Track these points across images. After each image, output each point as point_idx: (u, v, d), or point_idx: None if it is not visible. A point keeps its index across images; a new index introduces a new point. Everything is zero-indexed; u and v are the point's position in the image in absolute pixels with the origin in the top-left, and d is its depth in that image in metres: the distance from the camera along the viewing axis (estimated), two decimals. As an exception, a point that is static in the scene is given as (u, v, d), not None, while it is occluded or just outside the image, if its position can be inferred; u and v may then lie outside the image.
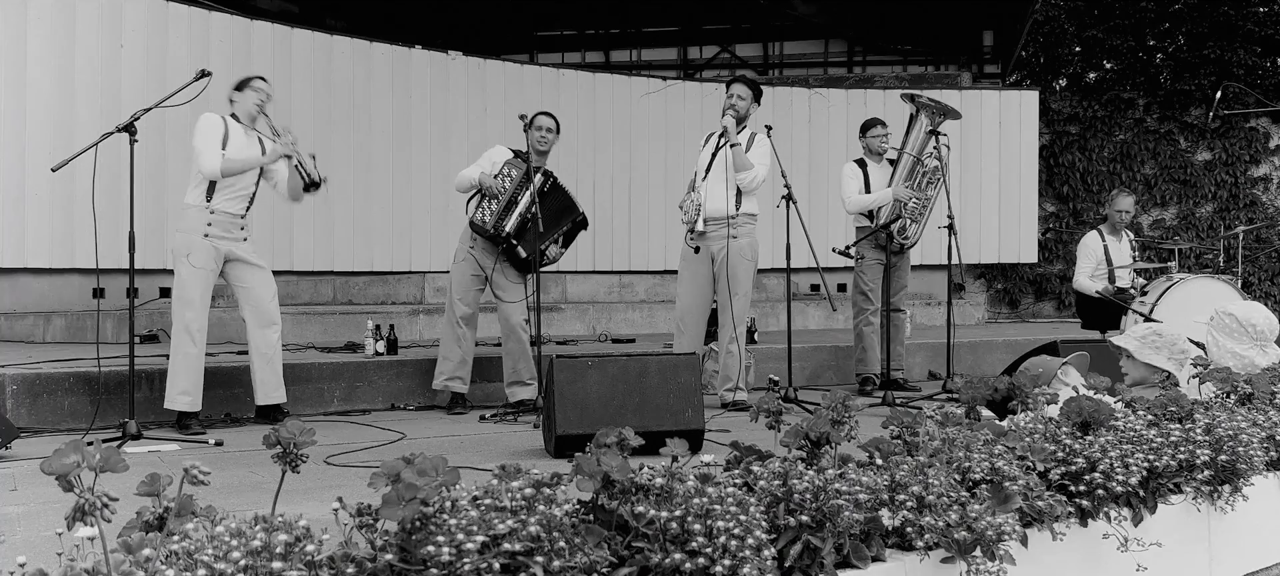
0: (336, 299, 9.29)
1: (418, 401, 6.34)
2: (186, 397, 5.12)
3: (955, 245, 6.68)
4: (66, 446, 1.70)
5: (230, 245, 5.28)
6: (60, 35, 7.97)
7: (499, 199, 5.94)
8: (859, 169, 7.05)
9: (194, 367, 5.14)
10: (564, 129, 6.46)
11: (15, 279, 8.00)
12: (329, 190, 9.36)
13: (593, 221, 10.93)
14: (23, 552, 1.69)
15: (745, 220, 6.10)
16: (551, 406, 4.36)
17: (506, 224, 5.91)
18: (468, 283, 6.09)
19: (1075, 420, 2.86)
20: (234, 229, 5.30)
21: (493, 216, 5.94)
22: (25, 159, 7.77)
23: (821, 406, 2.60)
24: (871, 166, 7.05)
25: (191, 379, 5.12)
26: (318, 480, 3.79)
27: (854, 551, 2.15)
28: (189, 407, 5.13)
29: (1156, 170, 13.04)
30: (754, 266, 6.21)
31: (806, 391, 6.62)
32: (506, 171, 6.01)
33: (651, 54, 13.29)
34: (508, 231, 5.91)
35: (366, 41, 9.79)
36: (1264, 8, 13.11)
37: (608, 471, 1.96)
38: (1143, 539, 2.71)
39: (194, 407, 5.14)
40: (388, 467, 1.81)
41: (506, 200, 5.94)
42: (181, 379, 5.11)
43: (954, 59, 12.98)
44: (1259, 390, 3.64)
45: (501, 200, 5.94)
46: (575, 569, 1.78)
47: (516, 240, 5.91)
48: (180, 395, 5.11)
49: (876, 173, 7.01)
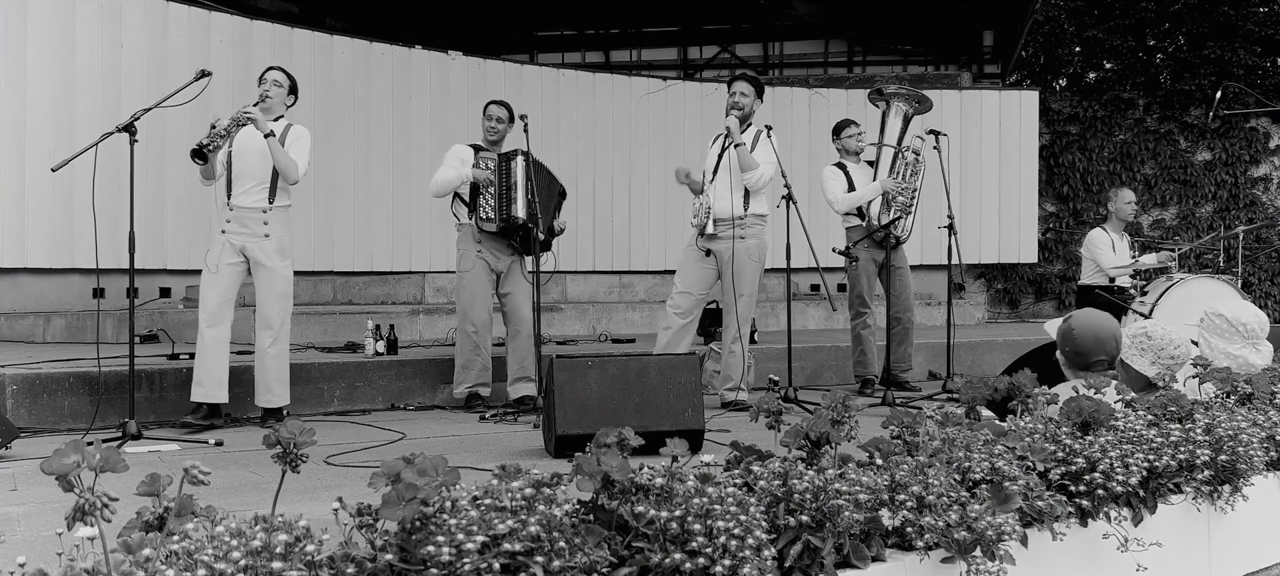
0: (336, 299, 9.29)
1: (418, 401, 6.34)
2: (200, 388, 5.22)
3: (955, 245, 6.68)
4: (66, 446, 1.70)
5: (246, 241, 5.27)
6: (60, 35, 7.98)
7: (494, 190, 5.96)
8: (840, 171, 7.00)
9: (202, 359, 5.20)
10: (564, 129, 6.48)
11: (15, 279, 8.00)
12: (329, 190, 9.41)
13: (593, 222, 11.05)
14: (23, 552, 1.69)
15: (753, 221, 6.07)
16: (551, 406, 4.36)
17: (516, 209, 5.92)
18: (482, 289, 6.09)
19: (1075, 420, 2.86)
20: (254, 224, 5.27)
21: (503, 209, 5.93)
22: (25, 159, 7.77)
23: (821, 406, 2.60)
24: (852, 167, 7.00)
25: (202, 370, 5.20)
26: (318, 480, 3.79)
27: (854, 551, 2.15)
28: (199, 398, 5.21)
29: (1156, 170, 13.04)
30: (761, 267, 6.17)
31: (806, 391, 6.62)
32: (485, 165, 6.03)
33: (651, 54, 13.29)
34: (521, 216, 5.91)
35: (366, 41, 9.80)
36: (1264, 8, 13.12)
37: (608, 471, 1.96)
38: (1143, 539, 2.71)
39: (204, 398, 5.21)
40: (388, 467, 1.81)
41: (501, 188, 5.95)
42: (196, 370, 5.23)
43: (954, 59, 12.99)
44: (1259, 390, 3.64)
45: (496, 190, 5.95)
46: (575, 569, 1.78)
47: (531, 223, 5.91)
48: (195, 386, 5.24)
49: (858, 173, 6.98)
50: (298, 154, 5.27)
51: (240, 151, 5.27)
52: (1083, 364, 3.46)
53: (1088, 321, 3.53)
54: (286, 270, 5.35)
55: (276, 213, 5.30)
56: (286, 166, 5.21)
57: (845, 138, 7.07)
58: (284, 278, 5.33)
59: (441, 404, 6.36)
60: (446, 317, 8.19)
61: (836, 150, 7.12)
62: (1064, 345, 3.52)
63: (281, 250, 5.33)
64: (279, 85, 5.38)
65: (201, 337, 5.22)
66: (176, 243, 8.53)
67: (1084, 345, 3.46)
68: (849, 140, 7.06)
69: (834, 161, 7.10)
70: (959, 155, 11.23)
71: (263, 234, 5.27)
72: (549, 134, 9.77)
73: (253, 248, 5.26)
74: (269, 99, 5.32)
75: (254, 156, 5.24)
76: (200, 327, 5.23)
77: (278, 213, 5.30)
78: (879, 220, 6.77)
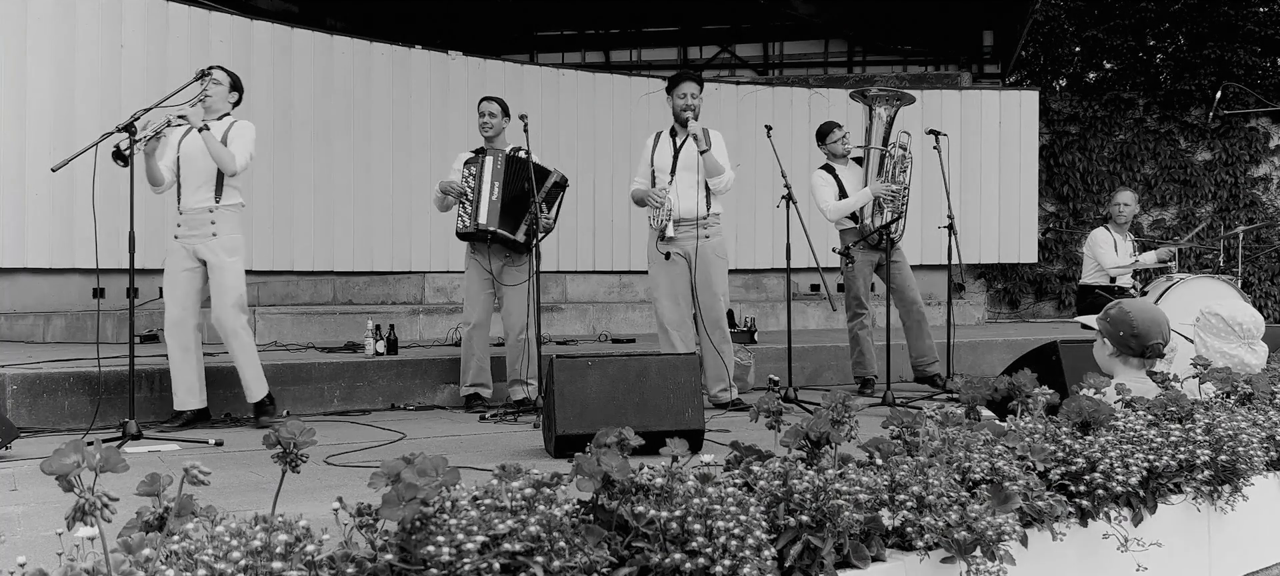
0: (336, 299, 9.29)
1: (418, 401, 6.34)
2: (176, 397, 5.28)
3: (955, 245, 6.67)
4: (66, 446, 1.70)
5: (196, 242, 5.26)
6: (60, 35, 7.98)
7: (468, 198, 5.97)
8: (829, 175, 6.93)
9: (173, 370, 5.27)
10: (564, 129, 6.48)
11: (15, 279, 8.01)
12: (329, 190, 9.41)
13: (593, 222, 11.04)
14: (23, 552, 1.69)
15: (714, 220, 6.06)
16: (551, 406, 4.36)
17: (481, 217, 5.92)
18: (476, 289, 6.12)
19: (1075, 420, 2.86)
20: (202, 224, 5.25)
21: (469, 217, 5.97)
22: (25, 159, 7.77)
23: (821, 406, 2.60)
24: (841, 169, 6.95)
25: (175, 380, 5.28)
26: (318, 480, 3.79)
27: (854, 551, 2.15)
28: (177, 406, 5.27)
29: (1156, 170, 13.04)
30: (727, 265, 6.15)
31: (806, 391, 6.62)
32: (466, 171, 6.05)
33: (651, 54, 13.29)
34: (484, 224, 5.92)
35: (366, 41, 9.80)
36: (1264, 8, 13.11)
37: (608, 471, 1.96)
38: (1143, 539, 2.71)
39: (180, 406, 5.26)
40: (388, 467, 1.81)
41: (475, 196, 5.96)
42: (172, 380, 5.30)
43: (954, 59, 12.99)
44: (1259, 390, 3.64)
45: (470, 198, 5.97)
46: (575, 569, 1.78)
47: (500, 227, 5.91)
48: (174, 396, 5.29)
49: (847, 174, 6.92)
50: (238, 147, 5.21)
51: (188, 155, 5.26)
52: (1139, 347, 3.50)
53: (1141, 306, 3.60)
54: (236, 266, 5.28)
55: (224, 211, 5.25)
56: (221, 158, 5.15)
57: (830, 142, 7.01)
58: (234, 273, 5.26)
59: (441, 404, 6.37)
60: (446, 317, 8.19)
61: (824, 154, 7.08)
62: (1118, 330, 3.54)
63: (230, 248, 5.26)
64: (218, 83, 5.33)
65: (169, 348, 5.28)
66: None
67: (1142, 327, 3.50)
68: (835, 144, 7.00)
69: (821, 165, 7.06)
70: (959, 155, 11.23)
71: (211, 233, 5.23)
72: (549, 134, 9.77)
73: (202, 248, 5.24)
74: (208, 97, 5.29)
75: (200, 156, 5.22)
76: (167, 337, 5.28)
77: (225, 211, 5.26)
78: (873, 223, 6.75)
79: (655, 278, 6.07)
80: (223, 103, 5.36)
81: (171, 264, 5.28)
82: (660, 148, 6.12)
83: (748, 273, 11.00)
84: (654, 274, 6.07)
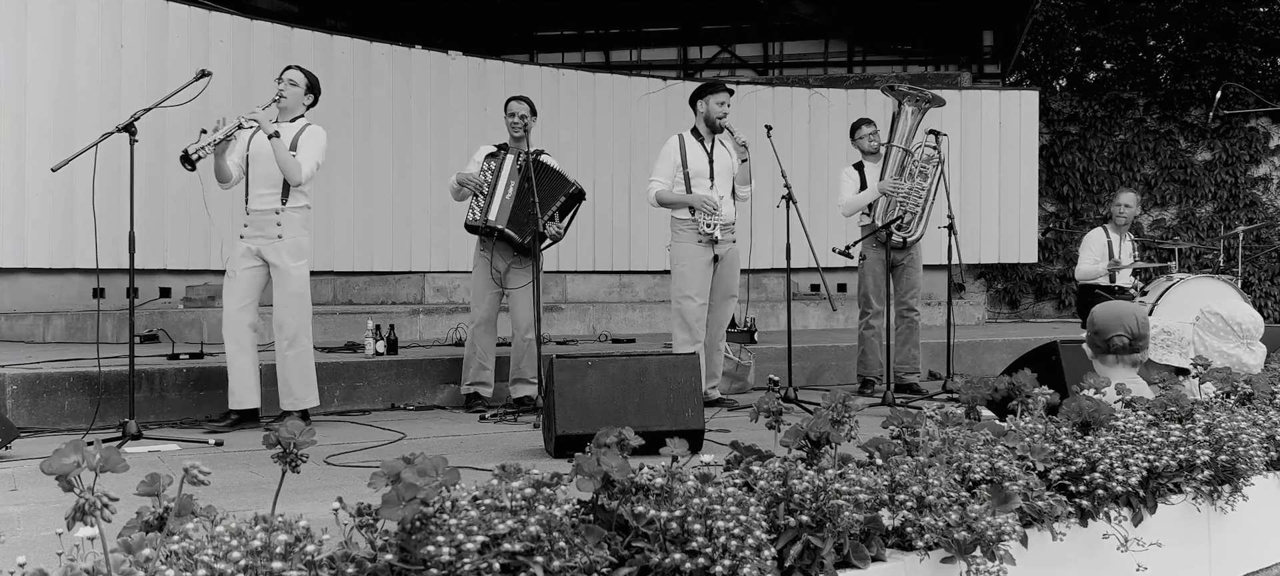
0: (336, 299, 9.29)
1: (418, 401, 6.34)
2: (232, 395, 5.28)
3: (955, 245, 6.68)
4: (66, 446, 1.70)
5: (261, 243, 5.25)
6: (60, 35, 7.97)
7: (484, 193, 5.97)
8: (856, 171, 7.04)
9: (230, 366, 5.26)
10: (564, 129, 6.48)
11: (15, 279, 8.00)
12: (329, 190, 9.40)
13: (593, 222, 11.03)
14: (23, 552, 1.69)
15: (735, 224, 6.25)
16: (551, 406, 4.36)
17: (491, 214, 5.93)
18: (483, 287, 6.11)
19: (1075, 420, 2.86)
20: (268, 226, 5.25)
21: (480, 211, 5.97)
22: (25, 159, 7.76)
23: (821, 406, 2.60)
24: (868, 166, 7.04)
25: (231, 377, 5.27)
26: (318, 480, 3.79)
27: (854, 551, 2.15)
28: (232, 404, 5.28)
29: (1156, 170, 13.04)
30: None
31: (806, 391, 6.62)
32: (486, 165, 6.04)
33: (651, 54, 13.29)
34: (493, 221, 5.92)
35: (366, 41, 9.79)
36: (1264, 8, 13.11)
37: (608, 471, 1.96)
38: (1143, 539, 2.71)
39: (234, 405, 5.27)
40: (388, 467, 1.81)
41: (490, 192, 5.96)
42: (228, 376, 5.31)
43: (954, 59, 12.99)
44: (1259, 390, 3.64)
45: (485, 193, 5.97)
46: (575, 569, 1.78)
47: (509, 227, 5.91)
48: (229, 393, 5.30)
49: (873, 172, 6.99)
50: (306, 154, 5.22)
51: (256, 155, 5.25)
52: (1103, 343, 3.53)
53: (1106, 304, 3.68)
54: (301, 271, 5.27)
55: (290, 213, 5.24)
56: (287, 167, 5.15)
57: (860, 138, 7.12)
58: (298, 278, 5.26)
59: (441, 404, 6.37)
60: (446, 317, 8.19)
61: (857, 150, 7.17)
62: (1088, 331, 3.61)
63: (295, 251, 5.25)
64: (294, 84, 5.32)
65: (225, 346, 5.28)
66: (176, 243, 8.53)
67: (1102, 323, 3.53)
68: (864, 140, 7.09)
69: (853, 162, 7.14)
70: (959, 155, 11.22)
71: (276, 235, 5.22)
72: (549, 134, 9.75)
73: (267, 250, 5.23)
74: (284, 99, 5.29)
75: (267, 158, 5.21)
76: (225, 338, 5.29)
77: (291, 213, 5.25)
78: (882, 220, 6.78)
79: (688, 277, 6.06)
80: (298, 105, 5.36)
81: (234, 261, 5.26)
82: (691, 152, 6.12)
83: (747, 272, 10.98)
84: (686, 274, 6.07)
